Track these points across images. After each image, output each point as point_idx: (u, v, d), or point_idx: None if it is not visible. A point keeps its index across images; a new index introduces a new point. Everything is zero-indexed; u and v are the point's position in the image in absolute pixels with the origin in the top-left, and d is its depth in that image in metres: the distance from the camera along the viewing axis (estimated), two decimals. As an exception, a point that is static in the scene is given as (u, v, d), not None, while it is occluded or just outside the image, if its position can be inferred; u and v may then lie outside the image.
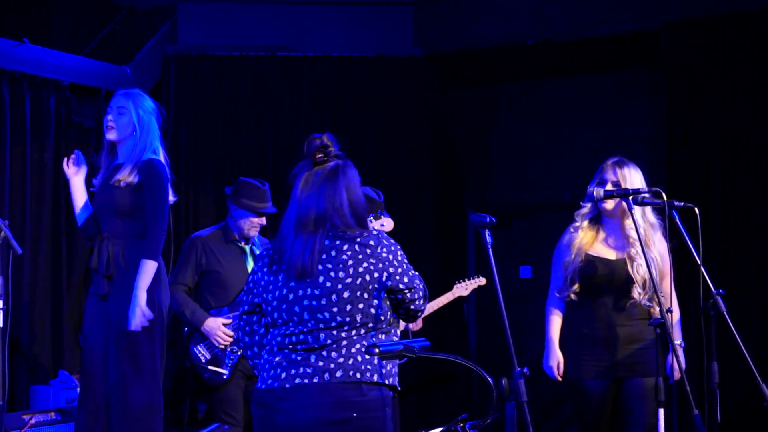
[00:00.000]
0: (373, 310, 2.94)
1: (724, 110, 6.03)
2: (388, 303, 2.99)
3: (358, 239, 2.96)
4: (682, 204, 3.87)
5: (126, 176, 4.24)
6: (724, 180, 5.98)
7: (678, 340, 4.29)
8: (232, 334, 4.92)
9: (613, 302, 4.24)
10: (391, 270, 2.96)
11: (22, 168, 6.65)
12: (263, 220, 5.16)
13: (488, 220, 3.03)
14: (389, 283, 2.95)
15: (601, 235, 4.31)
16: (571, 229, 4.35)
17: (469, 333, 7.39)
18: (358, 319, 2.92)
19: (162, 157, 4.38)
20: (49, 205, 6.74)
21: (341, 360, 2.89)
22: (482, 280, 5.75)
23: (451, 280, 6.10)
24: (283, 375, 2.91)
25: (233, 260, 5.11)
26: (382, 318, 2.97)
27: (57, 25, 7.46)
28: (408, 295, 2.99)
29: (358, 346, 2.92)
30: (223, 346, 4.96)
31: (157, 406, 4.29)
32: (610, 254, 4.25)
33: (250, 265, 5.10)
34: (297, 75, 7.23)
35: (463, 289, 5.74)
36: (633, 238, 4.16)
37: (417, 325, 5.46)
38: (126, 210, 4.23)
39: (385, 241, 3.00)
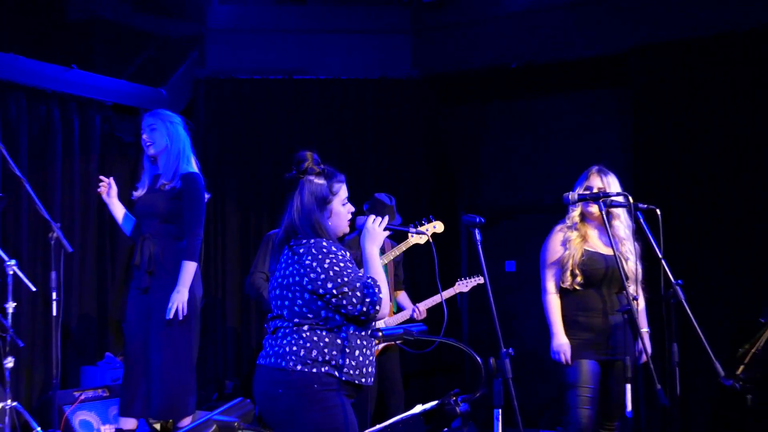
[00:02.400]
0: (297, 309, 2.99)
1: (683, 125, 6.04)
2: (321, 303, 2.98)
3: (294, 246, 3.03)
4: (646, 206, 3.90)
5: (169, 182, 4.29)
6: (683, 186, 5.99)
7: (645, 328, 4.32)
8: None
9: (607, 292, 4.24)
10: (312, 276, 2.95)
11: (71, 177, 6.70)
12: None
13: (477, 220, 3.05)
14: (310, 287, 2.95)
15: (590, 233, 4.30)
16: (564, 229, 4.30)
17: (462, 319, 7.42)
18: (285, 314, 3.03)
19: (194, 164, 4.42)
20: (94, 210, 6.77)
21: (276, 348, 3.02)
22: (481, 279, 5.70)
23: (446, 275, 6.11)
24: (262, 353, 3.10)
25: None
26: (310, 316, 2.98)
27: (101, 52, 7.50)
28: (333, 300, 2.94)
29: (288, 338, 3.00)
30: None
31: (191, 386, 4.32)
32: (604, 250, 4.24)
33: None
34: (310, 95, 7.25)
35: (464, 285, 5.72)
36: (621, 238, 4.18)
37: (421, 314, 5.48)
38: (165, 214, 4.27)
39: (314, 250, 2.98)
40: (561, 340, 4.19)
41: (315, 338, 2.97)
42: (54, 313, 4.73)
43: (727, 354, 3.83)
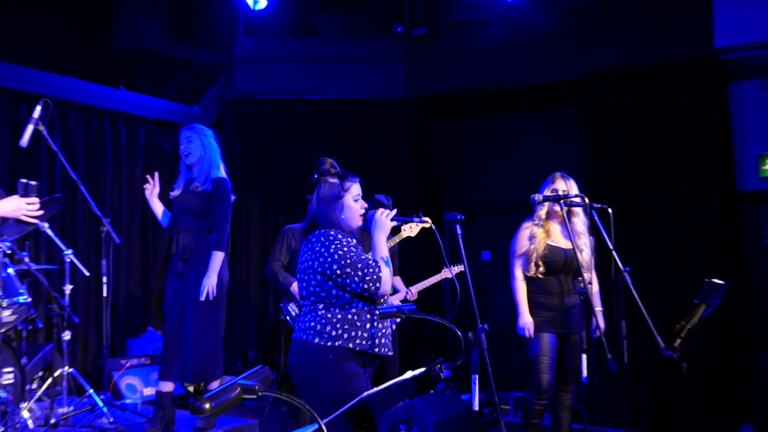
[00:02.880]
0: (312, 289, 2.96)
1: (628, 138, 6.04)
2: (331, 283, 2.93)
3: (309, 236, 3.01)
4: (600, 206, 3.89)
5: (201, 185, 4.27)
6: (629, 188, 5.99)
7: (599, 307, 4.31)
8: None
9: (564, 279, 4.23)
10: (321, 259, 2.92)
11: (119, 180, 6.69)
12: None
13: (458, 217, 3.04)
14: (320, 269, 2.92)
15: (553, 230, 4.29)
16: (531, 226, 4.26)
17: (445, 300, 7.40)
18: (304, 294, 3.00)
19: (222, 170, 4.40)
20: (139, 208, 6.77)
21: (300, 324, 2.99)
22: (462, 267, 5.63)
23: (431, 264, 6.09)
24: None
25: None
26: (323, 295, 2.94)
27: (144, 76, 7.51)
28: (339, 280, 2.90)
29: (309, 315, 2.97)
30: None
31: (219, 355, 4.30)
32: (564, 244, 4.22)
33: None
34: (319, 112, 7.25)
35: (448, 272, 5.68)
36: (579, 232, 4.16)
37: (413, 296, 5.45)
38: (198, 212, 4.24)
39: (323, 238, 2.95)
40: (526, 319, 4.19)
41: (329, 315, 2.92)
42: (104, 294, 4.71)
43: (666, 329, 3.81)
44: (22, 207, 3.03)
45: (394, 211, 3.15)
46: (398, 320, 5.13)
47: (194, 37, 8.02)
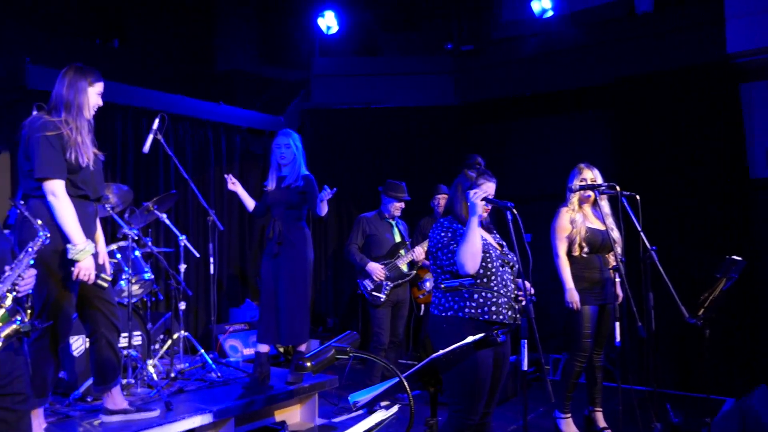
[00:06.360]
0: (433, 267, 2.99)
1: (652, 135, 5.85)
2: (439, 262, 2.95)
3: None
4: (629, 193, 3.76)
5: (294, 182, 4.31)
6: (654, 178, 5.79)
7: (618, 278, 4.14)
8: (385, 273, 4.84)
9: (602, 256, 4.10)
10: (432, 242, 2.99)
11: (221, 178, 6.79)
12: (402, 204, 5.02)
13: (509, 204, 2.97)
14: (433, 250, 2.98)
15: (588, 214, 4.16)
16: (569, 211, 4.08)
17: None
18: (434, 273, 2.99)
19: (305, 167, 4.42)
20: (237, 201, 6.83)
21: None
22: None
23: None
24: None
25: (384, 230, 4.99)
26: (439, 272, 2.95)
27: (239, 93, 7.60)
28: (437, 261, 2.98)
29: (434, 291, 2.98)
30: (378, 280, 4.83)
31: (307, 321, 4.33)
32: (599, 226, 4.08)
33: (395, 232, 5.00)
34: (383, 118, 7.22)
35: None
36: (607, 213, 4.03)
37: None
38: (290, 204, 4.28)
39: (435, 226, 3.00)
40: (574, 295, 4.03)
41: (444, 290, 2.88)
42: (211, 271, 4.79)
43: (688, 300, 3.67)
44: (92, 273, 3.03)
45: (479, 191, 2.97)
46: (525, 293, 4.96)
47: (279, 59, 8.08)
